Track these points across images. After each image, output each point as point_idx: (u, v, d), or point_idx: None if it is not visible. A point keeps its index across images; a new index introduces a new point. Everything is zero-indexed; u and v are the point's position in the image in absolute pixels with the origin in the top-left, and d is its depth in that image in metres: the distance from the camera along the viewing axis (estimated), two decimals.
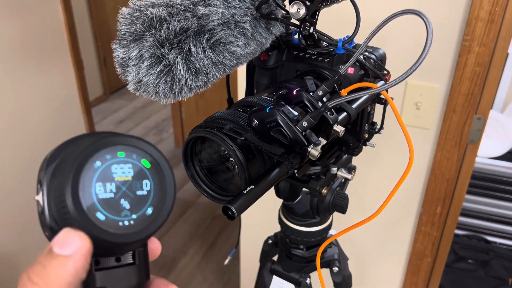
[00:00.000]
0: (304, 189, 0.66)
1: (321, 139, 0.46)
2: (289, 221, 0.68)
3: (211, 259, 2.05)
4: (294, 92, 0.50)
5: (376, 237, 1.24)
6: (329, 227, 0.70)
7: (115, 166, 0.24)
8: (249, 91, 0.65)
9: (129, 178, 0.25)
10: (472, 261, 1.68)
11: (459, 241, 1.70)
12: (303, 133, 0.45)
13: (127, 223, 0.24)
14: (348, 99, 0.47)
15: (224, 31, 0.45)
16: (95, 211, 0.23)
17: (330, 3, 0.52)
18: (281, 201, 0.70)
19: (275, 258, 0.77)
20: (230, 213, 0.41)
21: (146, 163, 0.25)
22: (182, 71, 0.43)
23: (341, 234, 0.58)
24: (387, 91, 0.52)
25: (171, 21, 0.43)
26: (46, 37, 1.74)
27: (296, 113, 0.45)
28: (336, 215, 0.67)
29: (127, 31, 0.43)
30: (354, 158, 0.66)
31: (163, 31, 0.42)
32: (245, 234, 1.43)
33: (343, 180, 0.65)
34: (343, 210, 0.62)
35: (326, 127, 0.49)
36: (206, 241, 2.17)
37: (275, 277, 0.75)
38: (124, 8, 0.44)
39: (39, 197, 0.25)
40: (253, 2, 0.48)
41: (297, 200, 0.68)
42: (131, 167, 0.25)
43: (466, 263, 1.68)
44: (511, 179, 1.67)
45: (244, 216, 1.32)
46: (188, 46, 0.43)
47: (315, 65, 0.58)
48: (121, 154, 0.25)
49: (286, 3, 0.51)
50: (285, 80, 0.58)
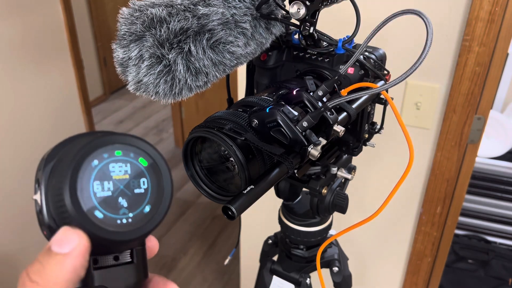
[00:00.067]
0: (304, 189, 0.66)
1: (321, 139, 0.46)
2: (289, 221, 0.68)
3: (211, 259, 2.05)
4: (294, 92, 0.50)
5: (376, 237, 1.24)
6: (329, 227, 0.70)
7: (112, 165, 0.24)
8: (249, 91, 0.65)
9: (127, 176, 0.25)
10: (472, 261, 1.68)
11: (459, 241, 1.70)
12: (303, 133, 0.45)
13: (125, 221, 0.24)
14: (348, 99, 0.47)
15: (224, 31, 0.45)
16: (93, 210, 0.23)
17: (330, 3, 0.52)
18: (281, 201, 0.70)
19: (275, 258, 0.77)
20: (230, 213, 0.41)
21: (143, 162, 0.25)
22: (182, 71, 0.43)
23: (341, 234, 0.58)
24: (387, 91, 0.52)
25: (171, 21, 0.43)
26: (46, 37, 1.74)
27: (296, 113, 0.45)
28: (336, 215, 0.67)
29: (127, 31, 0.43)
30: (354, 158, 0.66)
31: (163, 31, 0.42)
32: (245, 234, 1.43)
33: (343, 180, 0.65)
34: (343, 210, 0.62)
35: (326, 127, 0.49)
36: (206, 241, 2.17)
37: (275, 277, 0.75)
38: (124, 8, 0.44)
39: (37, 196, 0.25)
40: (253, 2, 0.48)
41: (297, 200, 0.68)
42: (128, 165, 0.25)
43: (466, 263, 1.68)
44: (511, 179, 1.67)
45: (244, 216, 1.32)
46: (188, 46, 0.43)
47: (315, 65, 0.58)
48: (118, 152, 0.25)
49: (286, 3, 0.51)
50: (285, 80, 0.58)
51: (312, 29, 0.51)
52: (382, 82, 0.57)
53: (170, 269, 2.00)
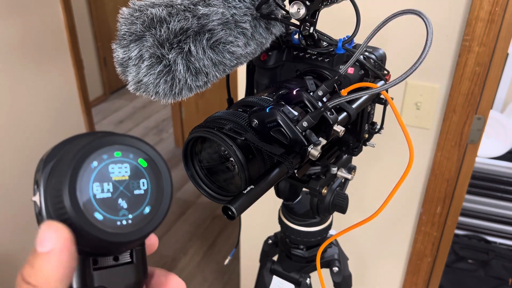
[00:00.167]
0: (304, 189, 0.66)
1: (321, 139, 0.46)
2: (289, 221, 0.68)
3: (211, 259, 2.05)
4: (294, 92, 0.50)
5: (376, 237, 1.24)
6: (329, 227, 0.70)
7: (112, 166, 0.24)
8: (249, 91, 0.65)
9: (126, 177, 0.25)
10: (472, 261, 1.68)
11: (459, 241, 1.70)
12: (303, 133, 0.45)
13: (125, 222, 0.24)
14: (348, 99, 0.47)
15: (224, 31, 0.45)
16: (93, 211, 0.23)
17: (330, 3, 0.52)
18: (281, 201, 0.70)
19: (275, 258, 0.77)
20: (230, 213, 0.41)
21: (142, 162, 0.25)
22: (182, 71, 0.43)
23: (341, 234, 0.58)
24: (387, 91, 0.52)
25: (171, 21, 0.43)
26: (46, 37, 1.74)
27: (296, 113, 0.45)
28: (336, 215, 0.67)
29: (127, 31, 0.43)
30: (354, 158, 0.66)
31: (163, 31, 0.42)
32: (245, 234, 1.43)
33: (343, 180, 0.65)
34: (343, 210, 0.62)
35: (326, 127, 0.49)
36: (206, 241, 2.17)
37: (275, 277, 0.75)
38: (124, 8, 0.44)
39: (36, 198, 0.25)
40: (253, 2, 0.48)
41: (297, 200, 0.68)
42: (128, 166, 0.25)
43: (466, 263, 1.68)
44: (511, 179, 1.66)
45: (244, 216, 1.32)
46: (188, 46, 0.43)
47: (315, 65, 0.58)
48: (117, 153, 0.24)
49: (286, 3, 0.51)
50: (285, 80, 0.58)
51: (312, 29, 0.51)
52: (382, 82, 0.57)
53: (170, 269, 2.00)
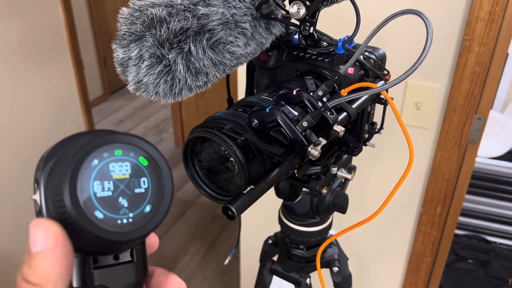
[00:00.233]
0: (304, 189, 0.66)
1: (321, 139, 0.46)
2: (289, 221, 0.68)
3: (211, 259, 2.05)
4: (294, 92, 0.50)
5: (376, 237, 1.24)
6: (329, 227, 0.70)
7: (112, 164, 0.24)
8: (249, 91, 0.65)
9: (127, 176, 0.25)
10: (472, 261, 1.68)
11: (459, 241, 1.70)
12: (303, 133, 0.45)
13: (125, 221, 0.24)
14: (348, 99, 0.47)
15: (224, 31, 0.45)
16: (93, 210, 0.23)
17: (330, 3, 0.52)
18: (281, 201, 0.70)
19: (275, 258, 0.77)
20: (230, 213, 0.41)
21: (143, 161, 0.25)
22: (182, 71, 0.43)
23: (341, 234, 0.58)
24: (387, 91, 0.52)
25: (171, 21, 0.43)
26: (46, 37, 1.74)
27: (296, 113, 0.45)
28: (336, 215, 0.67)
29: (127, 31, 0.43)
30: (354, 158, 0.66)
31: (163, 31, 0.42)
32: (245, 234, 1.43)
33: (343, 180, 0.65)
34: (343, 210, 0.62)
35: (326, 127, 0.49)
36: (206, 241, 2.17)
37: (275, 277, 0.75)
38: (124, 8, 0.44)
39: (36, 196, 0.25)
40: (253, 2, 0.48)
41: (297, 200, 0.68)
42: (128, 165, 0.25)
43: (466, 263, 1.68)
44: (511, 179, 1.67)
45: (244, 216, 1.32)
46: (188, 46, 0.43)
47: (315, 65, 0.58)
48: (118, 152, 0.24)
49: (286, 3, 0.51)
50: (285, 80, 0.58)
51: (312, 29, 0.51)
52: (382, 82, 0.57)
53: (170, 269, 1.99)
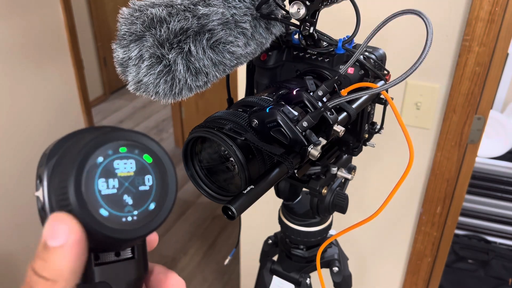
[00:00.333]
0: (304, 189, 0.66)
1: (321, 139, 0.46)
2: (289, 221, 0.68)
3: (211, 259, 2.05)
4: (294, 92, 0.50)
5: (376, 237, 1.24)
6: (329, 227, 0.70)
7: (117, 162, 0.24)
8: (249, 91, 0.65)
9: (132, 173, 0.24)
10: (472, 261, 1.68)
11: (459, 241, 1.70)
12: (303, 133, 0.45)
13: (130, 218, 0.24)
14: (348, 99, 0.47)
15: (224, 31, 0.45)
16: (98, 208, 0.23)
17: (330, 3, 0.52)
18: (281, 201, 0.70)
19: (275, 258, 0.77)
20: (230, 213, 0.41)
21: (148, 158, 0.25)
22: (182, 71, 0.43)
23: (341, 234, 0.58)
24: (387, 91, 0.52)
25: (171, 21, 0.43)
26: (46, 37, 1.74)
27: (296, 113, 0.45)
28: (336, 215, 0.67)
29: (127, 31, 0.43)
30: (354, 158, 0.66)
31: (163, 31, 0.42)
32: (245, 234, 1.43)
33: (343, 180, 0.65)
34: (343, 210, 0.62)
35: (326, 127, 0.49)
36: (206, 241, 2.17)
37: (275, 277, 0.75)
38: (124, 8, 0.44)
39: (39, 193, 0.25)
40: (253, 2, 0.48)
41: (297, 200, 0.68)
42: (133, 162, 0.24)
43: (466, 263, 1.68)
44: (511, 179, 1.66)
45: (244, 216, 1.32)
46: (188, 46, 0.43)
47: (315, 65, 0.58)
48: (123, 149, 0.24)
49: (286, 3, 0.51)
50: (285, 80, 0.58)
51: (312, 29, 0.51)
52: (382, 82, 0.57)
53: (170, 269, 1.99)
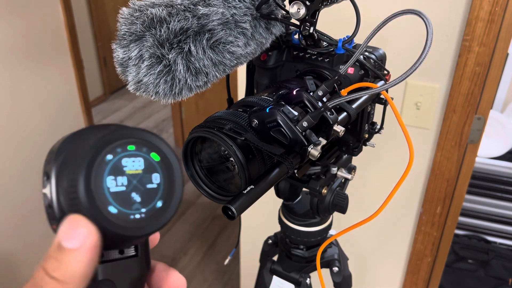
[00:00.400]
0: (304, 189, 0.66)
1: (321, 139, 0.46)
2: (289, 221, 0.68)
3: (211, 259, 2.05)
4: (294, 92, 0.50)
5: (376, 237, 1.24)
6: (329, 227, 0.70)
7: (126, 160, 0.24)
8: (249, 91, 0.65)
9: (140, 171, 0.25)
10: (472, 261, 1.68)
11: (459, 241, 1.70)
12: (303, 133, 0.45)
13: (138, 216, 0.24)
14: (348, 99, 0.47)
15: (224, 31, 0.45)
16: (107, 205, 0.23)
17: (330, 3, 0.52)
18: (281, 201, 0.70)
19: (275, 258, 0.77)
20: (230, 213, 0.41)
21: (155, 157, 0.25)
22: (182, 71, 0.43)
23: (341, 234, 0.58)
24: (387, 91, 0.52)
25: (171, 21, 0.43)
26: (46, 37, 1.74)
27: (296, 113, 0.45)
28: (336, 215, 0.67)
29: (127, 31, 0.43)
30: (354, 158, 0.66)
31: (163, 31, 0.42)
32: (245, 234, 1.43)
33: (343, 180, 0.65)
34: (343, 210, 0.62)
35: (326, 127, 0.49)
36: (206, 241, 2.17)
37: (275, 277, 0.75)
38: (124, 8, 0.44)
39: (47, 190, 0.25)
40: (253, 2, 0.48)
41: (297, 200, 0.68)
42: (141, 160, 0.25)
43: (466, 263, 1.68)
44: (511, 179, 1.66)
45: (244, 216, 1.32)
46: (188, 46, 0.43)
47: (315, 65, 0.58)
48: (131, 147, 0.24)
49: (286, 3, 0.51)
50: (285, 80, 0.58)
51: (312, 29, 0.51)
52: (382, 82, 0.57)
53: None
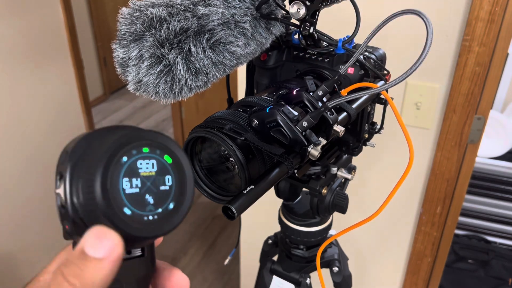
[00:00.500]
0: (304, 189, 0.66)
1: (321, 139, 0.46)
2: (289, 221, 0.68)
3: (211, 259, 2.05)
4: (294, 92, 0.50)
5: (376, 237, 1.24)
6: (329, 227, 0.70)
7: (140, 162, 0.25)
8: (249, 91, 0.65)
9: (153, 173, 0.25)
10: (472, 261, 1.68)
11: (459, 241, 1.70)
12: (303, 133, 0.45)
13: (151, 217, 0.25)
14: (348, 99, 0.47)
15: (224, 31, 0.45)
16: (122, 206, 0.24)
17: (330, 3, 0.52)
18: (281, 201, 0.70)
19: (275, 258, 0.77)
20: (230, 213, 0.41)
21: (168, 159, 0.26)
22: (182, 71, 0.43)
23: (341, 234, 0.58)
24: (387, 91, 0.52)
25: (171, 21, 0.43)
26: (46, 37, 1.74)
27: (296, 113, 0.45)
28: (336, 215, 0.67)
29: (127, 31, 0.43)
30: (354, 158, 0.66)
31: (163, 31, 0.42)
32: (245, 234, 1.43)
33: (343, 180, 0.65)
34: (343, 210, 0.62)
35: (326, 127, 0.49)
36: (206, 241, 2.17)
37: (275, 277, 0.75)
38: (124, 8, 0.44)
39: (60, 190, 0.25)
40: (253, 2, 0.48)
41: (297, 200, 0.68)
42: (155, 162, 0.25)
43: (466, 263, 1.68)
44: (511, 179, 1.66)
45: (244, 216, 1.32)
46: (188, 46, 0.43)
47: (315, 65, 0.58)
48: (145, 149, 0.25)
49: (286, 3, 0.51)
50: (285, 80, 0.58)
51: (312, 29, 0.51)
52: (382, 82, 0.57)
53: None
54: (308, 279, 0.73)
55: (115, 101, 3.63)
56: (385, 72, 0.59)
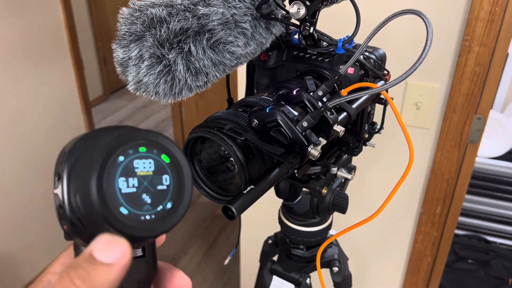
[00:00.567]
0: (304, 189, 0.66)
1: (321, 139, 0.46)
2: (289, 221, 0.68)
3: (211, 259, 2.05)
4: (294, 92, 0.50)
5: (376, 237, 1.24)
6: (329, 227, 0.70)
7: (137, 161, 0.25)
8: (249, 91, 0.65)
9: (150, 173, 0.25)
10: (472, 261, 1.68)
11: (459, 241, 1.70)
12: (303, 133, 0.45)
13: (148, 217, 0.24)
14: (348, 99, 0.47)
15: (224, 31, 0.45)
16: (119, 206, 0.23)
17: (330, 3, 0.52)
18: (281, 201, 0.70)
19: (275, 258, 0.77)
20: (230, 213, 0.41)
21: (165, 158, 0.26)
22: (182, 71, 0.43)
23: (341, 234, 0.58)
24: (387, 91, 0.52)
25: (171, 21, 0.43)
26: (46, 37, 1.74)
27: (296, 113, 0.45)
28: (336, 215, 0.67)
29: (127, 31, 0.43)
30: (354, 158, 0.66)
31: (163, 31, 0.42)
32: (245, 234, 1.43)
33: (343, 180, 0.65)
34: (343, 210, 0.62)
35: (326, 127, 0.49)
36: (206, 241, 2.17)
37: (275, 277, 0.75)
38: (124, 8, 0.44)
39: (58, 191, 0.25)
40: (253, 2, 0.48)
41: (297, 200, 0.68)
42: (152, 162, 0.25)
43: (466, 263, 1.68)
44: (511, 179, 1.66)
45: (244, 216, 1.32)
46: (188, 46, 0.43)
47: (315, 65, 0.58)
48: (142, 149, 0.25)
49: (286, 3, 0.51)
50: (285, 80, 0.58)
51: (312, 29, 0.51)
52: (382, 82, 0.57)
53: None
54: (308, 279, 0.73)
55: (115, 101, 3.63)
56: (385, 72, 0.59)
